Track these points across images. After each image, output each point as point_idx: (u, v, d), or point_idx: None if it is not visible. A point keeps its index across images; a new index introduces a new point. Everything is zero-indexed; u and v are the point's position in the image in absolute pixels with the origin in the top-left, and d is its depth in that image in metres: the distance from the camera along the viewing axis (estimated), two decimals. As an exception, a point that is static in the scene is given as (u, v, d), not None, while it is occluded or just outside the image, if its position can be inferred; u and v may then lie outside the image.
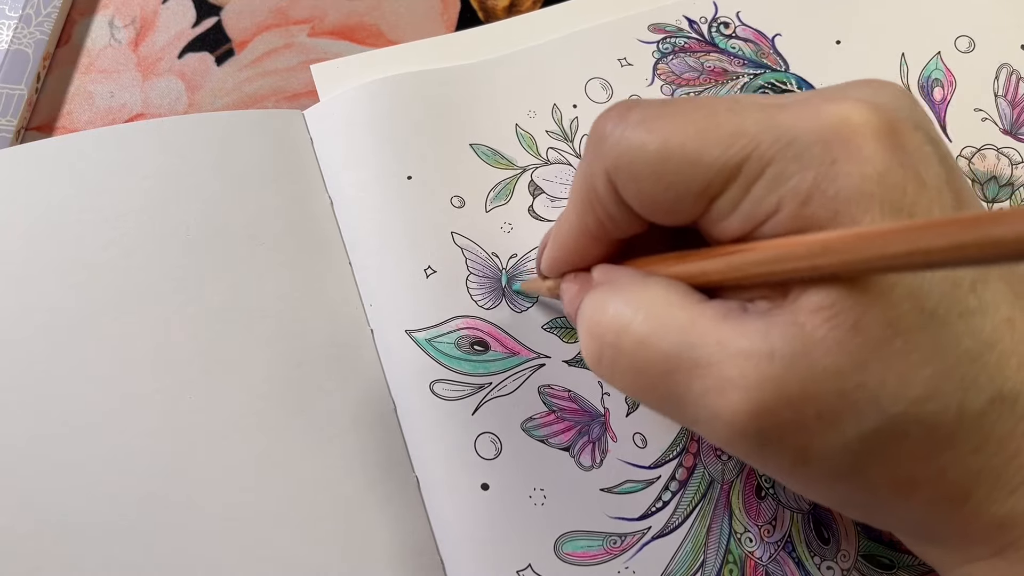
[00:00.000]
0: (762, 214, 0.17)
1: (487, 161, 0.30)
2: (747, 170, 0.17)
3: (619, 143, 0.18)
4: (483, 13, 0.34)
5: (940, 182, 0.17)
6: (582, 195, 0.20)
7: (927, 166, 0.17)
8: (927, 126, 0.19)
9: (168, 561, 0.25)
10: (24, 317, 0.26)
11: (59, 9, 0.32)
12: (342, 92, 0.30)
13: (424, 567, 0.26)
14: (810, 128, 0.17)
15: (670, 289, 0.19)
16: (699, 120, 0.18)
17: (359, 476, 0.26)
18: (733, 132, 0.17)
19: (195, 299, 0.27)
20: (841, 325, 0.16)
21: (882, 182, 0.16)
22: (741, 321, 0.17)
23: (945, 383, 0.16)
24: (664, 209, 0.19)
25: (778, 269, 0.17)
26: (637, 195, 0.19)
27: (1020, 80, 0.32)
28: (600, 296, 0.20)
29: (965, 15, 0.32)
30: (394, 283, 0.28)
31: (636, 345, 0.18)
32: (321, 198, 0.30)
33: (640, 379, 0.19)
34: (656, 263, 0.20)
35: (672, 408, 0.19)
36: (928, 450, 0.17)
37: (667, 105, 0.19)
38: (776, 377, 0.16)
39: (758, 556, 0.27)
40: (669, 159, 0.18)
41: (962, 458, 0.17)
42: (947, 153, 0.19)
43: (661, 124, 0.18)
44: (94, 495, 0.25)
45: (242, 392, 0.27)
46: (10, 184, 0.27)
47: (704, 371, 0.17)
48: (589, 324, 0.20)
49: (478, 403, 0.27)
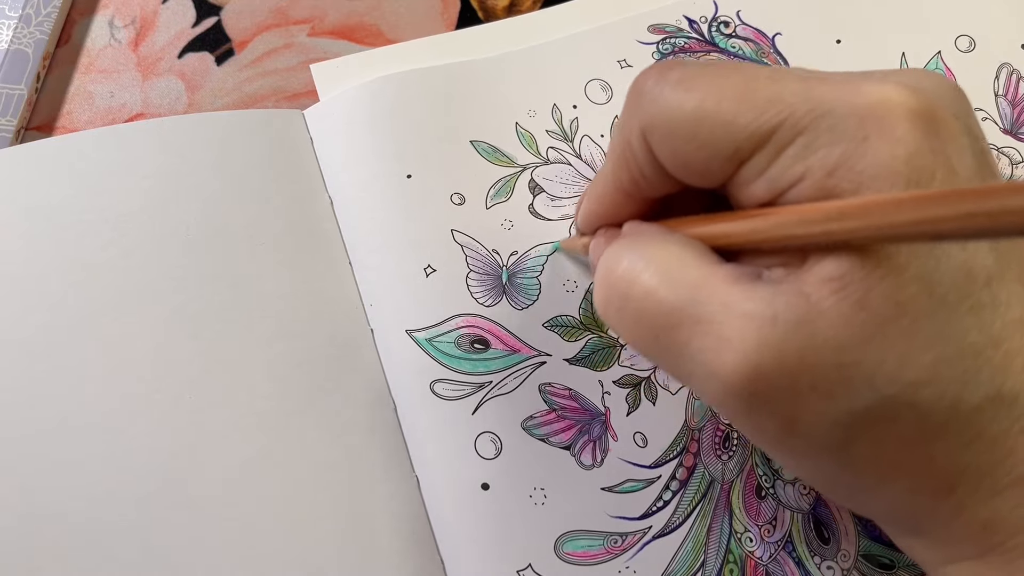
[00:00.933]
0: (788, 181, 0.17)
1: (487, 158, 0.30)
2: (778, 136, 0.17)
3: (656, 100, 0.19)
4: (483, 13, 0.34)
5: (971, 173, 0.17)
6: (618, 150, 0.21)
7: (960, 156, 0.17)
8: (968, 118, 0.19)
9: (168, 560, 0.25)
10: (24, 317, 0.26)
11: (59, 9, 0.32)
12: (342, 92, 0.30)
13: (424, 567, 0.26)
14: (847, 102, 0.17)
15: (687, 247, 0.19)
16: (738, 84, 0.18)
17: (359, 476, 0.26)
18: (770, 98, 0.17)
19: (195, 299, 0.27)
20: (848, 298, 0.16)
21: (910, 163, 0.16)
22: (751, 285, 0.17)
23: (945, 372, 0.16)
24: (695, 169, 0.19)
25: (793, 233, 0.17)
26: (671, 153, 0.19)
27: (1020, 80, 0.32)
28: (618, 247, 0.20)
29: (965, 15, 0.32)
30: (394, 282, 0.28)
31: (643, 295, 0.19)
32: (321, 198, 0.30)
33: (643, 328, 0.19)
34: (682, 223, 0.20)
35: (670, 361, 0.19)
36: (917, 437, 0.17)
37: (707, 67, 0.19)
38: (775, 342, 0.16)
39: (758, 556, 0.27)
40: (704, 120, 0.18)
41: (951, 451, 0.17)
42: (985, 149, 0.19)
43: (699, 84, 0.18)
44: (94, 494, 0.25)
45: (242, 392, 0.27)
46: (10, 184, 0.27)
47: (705, 328, 0.17)
48: (604, 271, 0.20)
49: (478, 402, 0.27)
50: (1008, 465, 0.17)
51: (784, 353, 0.16)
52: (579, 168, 0.30)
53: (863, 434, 0.17)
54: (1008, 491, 0.17)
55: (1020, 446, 0.17)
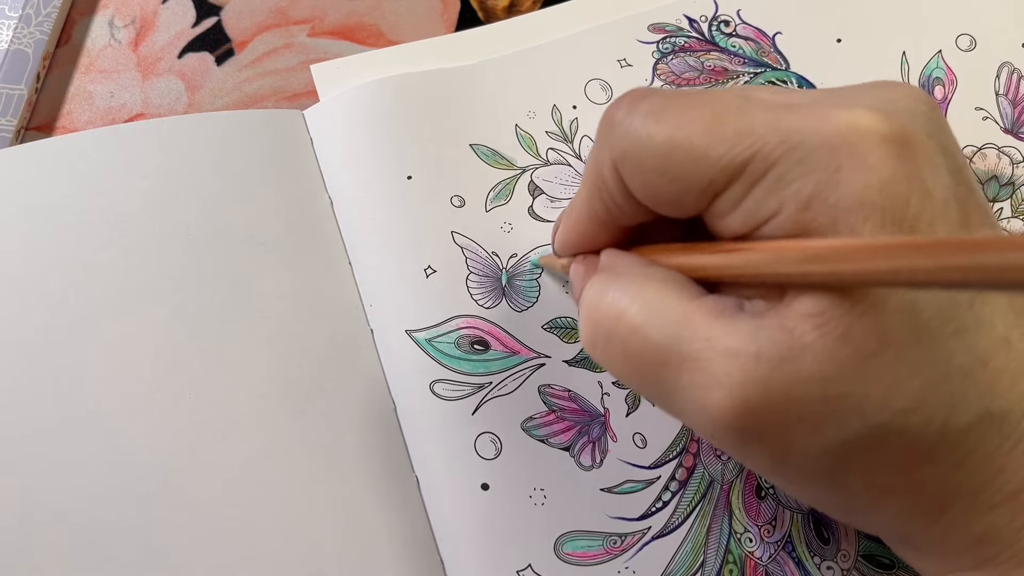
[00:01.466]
0: (763, 215, 0.17)
1: (487, 161, 0.30)
2: (751, 170, 0.17)
3: (627, 133, 0.18)
4: (483, 13, 0.34)
5: (948, 195, 0.17)
6: (591, 180, 0.21)
7: (936, 177, 0.17)
8: (942, 135, 0.18)
9: (168, 560, 0.25)
10: (24, 317, 0.26)
11: (59, 9, 0.32)
12: (342, 92, 0.30)
13: (424, 567, 0.26)
14: (817, 132, 0.17)
15: (668, 281, 0.19)
16: (707, 116, 0.18)
17: (359, 476, 0.26)
18: (740, 131, 0.17)
19: (195, 299, 0.27)
20: (830, 333, 0.16)
21: (884, 191, 0.16)
22: (733, 320, 0.17)
23: (932, 397, 0.16)
24: (668, 201, 0.19)
25: (770, 272, 0.17)
26: (642, 186, 0.19)
27: (1021, 79, 0.32)
28: (601, 281, 0.20)
29: (966, 14, 0.32)
30: (394, 283, 0.28)
31: (630, 333, 0.19)
32: (321, 198, 0.30)
33: (631, 366, 0.19)
34: (661, 252, 0.20)
35: (661, 398, 0.19)
36: (908, 462, 0.17)
37: (677, 97, 0.18)
38: (760, 379, 0.16)
39: (758, 556, 0.27)
40: (674, 153, 0.18)
41: (942, 472, 0.17)
42: (962, 165, 0.18)
43: (669, 116, 0.18)
44: (94, 494, 0.25)
45: (242, 392, 0.27)
46: (10, 184, 0.27)
47: (692, 366, 0.17)
48: (588, 307, 0.20)
49: (478, 403, 0.27)
50: (999, 483, 0.17)
51: (770, 389, 0.16)
52: (579, 169, 0.30)
53: (853, 461, 0.17)
54: (1001, 507, 0.17)
55: (1011, 463, 0.17)
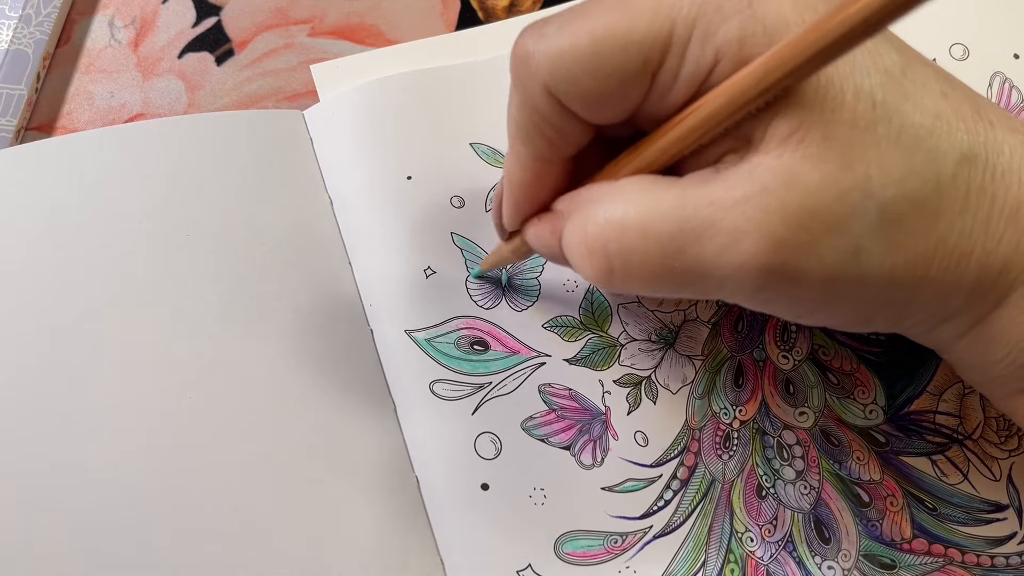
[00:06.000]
0: (704, 68, 0.18)
1: (487, 160, 0.30)
2: (677, 35, 0.18)
3: (548, 53, 0.19)
4: (483, 13, 0.34)
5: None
6: (523, 123, 0.21)
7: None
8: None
9: (168, 560, 0.25)
10: (24, 317, 0.26)
11: (59, 9, 0.32)
12: (342, 92, 0.30)
13: (424, 567, 0.26)
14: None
15: (641, 183, 0.19)
16: (616, 5, 0.18)
17: (359, 476, 0.26)
18: (653, 5, 0.18)
19: (195, 299, 0.27)
20: (813, 141, 0.17)
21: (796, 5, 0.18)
22: (723, 177, 0.18)
23: (916, 158, 0.18)
24: (609, 101, 0.19)
25: (730, 107, 0.18)
26: (581, 96, 0.19)
27: (1013, 89, 0.32)
28: (583, 214, 0.20)
29: (959, 24, 0.32)
30: (394, 283, 0.28)
31: (640, 238, 0.19)
32: (321, 198, 0.30)
33: (656, 269, 0.19)
34: (612, 171, 0.20)
35: (696, 282, 0.19)
36: (925, 224, 0.18)
37: (578, 7, 0.19)
38: (777, 208, 0.17)
39: (759, 556, 0.27)
40: (601, 48, 0.18)
41: (953, 222, 0.19)
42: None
43: (578, 21, 0.19)
44: (94, 495, 0.25)
45: (242, 392, 0.27)
46: (10, 184, 0.27)
47: (711, 232, 0.18)
48: (585, 240, 0.19)
49: (478, 403, 0.27)
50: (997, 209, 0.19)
51: (790, 213, 0.17)
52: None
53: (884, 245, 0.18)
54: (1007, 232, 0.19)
55: (999, 189, 0.19)
